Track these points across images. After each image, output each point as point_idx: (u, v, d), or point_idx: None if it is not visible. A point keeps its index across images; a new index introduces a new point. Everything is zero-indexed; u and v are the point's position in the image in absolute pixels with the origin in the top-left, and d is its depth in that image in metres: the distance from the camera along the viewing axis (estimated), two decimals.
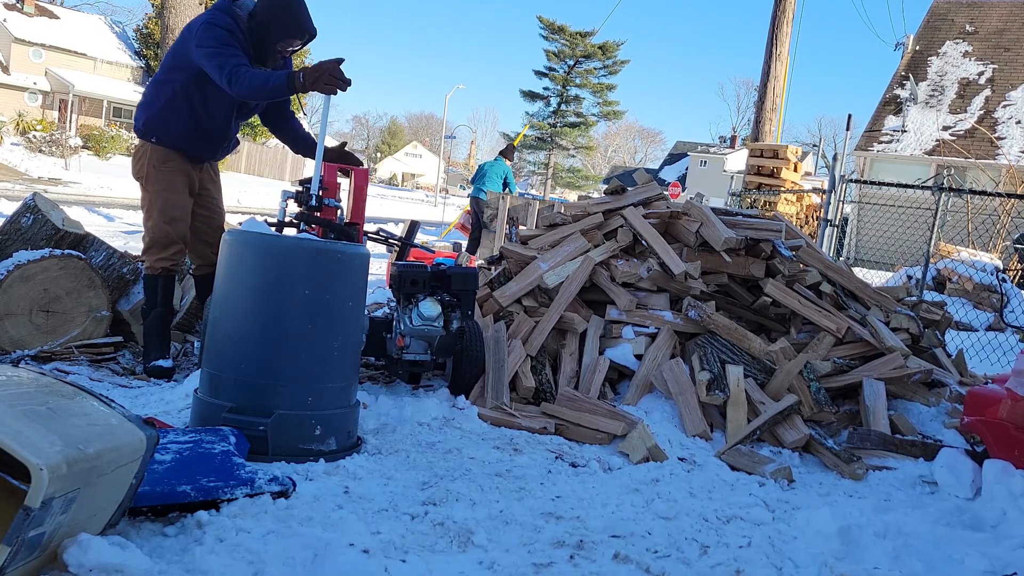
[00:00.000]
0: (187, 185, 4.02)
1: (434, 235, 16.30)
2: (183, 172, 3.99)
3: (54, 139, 30.26)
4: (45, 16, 38.89)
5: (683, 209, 4.77)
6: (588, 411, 3.68)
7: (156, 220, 3.95)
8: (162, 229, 3.95)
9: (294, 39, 3.87)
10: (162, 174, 3.95)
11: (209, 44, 3.67)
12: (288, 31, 3.82)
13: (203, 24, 3.76)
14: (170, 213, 3.95)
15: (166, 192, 3.95)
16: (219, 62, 3.63)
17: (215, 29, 3.71)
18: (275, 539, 2.18)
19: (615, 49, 40.64)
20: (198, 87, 3.84)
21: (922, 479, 3.40)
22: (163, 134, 3.92)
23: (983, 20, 21.52)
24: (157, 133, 3.92)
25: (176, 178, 3.97)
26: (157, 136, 3.93)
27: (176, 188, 3.97)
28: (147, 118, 3.94)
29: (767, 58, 15.38)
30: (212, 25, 3.72)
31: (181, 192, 3.98)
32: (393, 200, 38.00)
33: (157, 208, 3.95)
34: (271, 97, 3.70)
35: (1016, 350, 6.69)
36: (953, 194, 9.90)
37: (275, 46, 3.86)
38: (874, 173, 18.38)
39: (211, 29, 3.71)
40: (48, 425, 1.80)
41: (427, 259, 5.56)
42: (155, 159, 3.95)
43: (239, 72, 3.59)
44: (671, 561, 2.37)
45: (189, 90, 3.86)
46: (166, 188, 3.95)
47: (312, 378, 2.94)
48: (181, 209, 3.99)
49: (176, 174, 3.96)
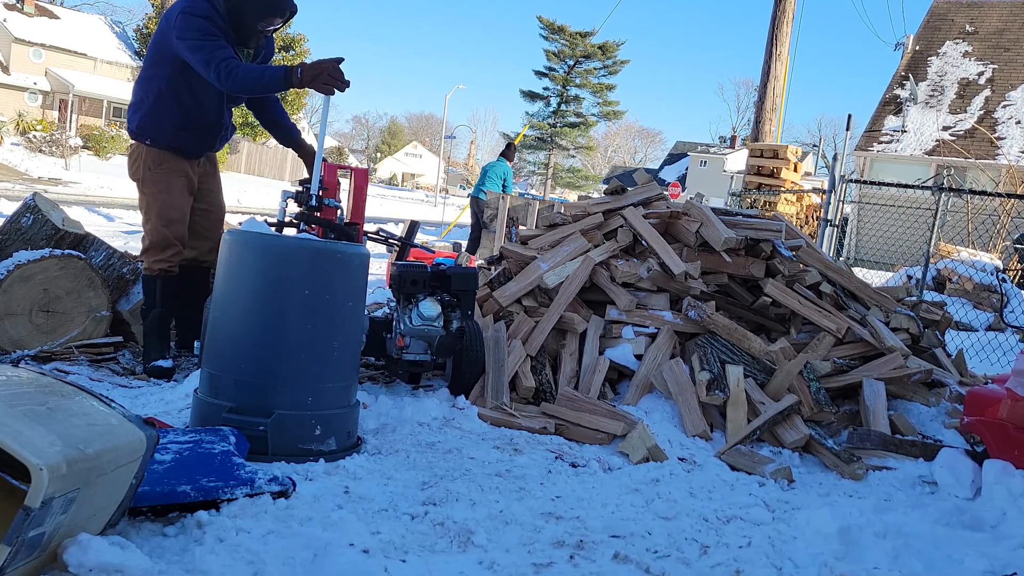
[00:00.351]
0: (185, 185, 3.98)
1: (434, 235, 16.31)
2: (180, 172, 3.95)
3: (54, 139, 30.28)
4: (45, 16, 38.91)
5: (683, 209, 4.77)
6: (588, 411, 3.68)
7: (154, 223, 3.92)
8: (159, 231, 3.91)
9: (274, 17, 3.78)
10: (158, 176, 3.91)
11: (191, 36, 3.58)
12: (267, 9, 3.74)
13: (180, 14, 3.65)
14: (167, 215, 3.91)
15: (163, 194, 3.91)
16: (205, 56, 3.54)
17: (194, 19, 3.60)
18: (275, 539, 2.18)
19: (615, 49, 40.67)
20: (184, 80, 3.77)
21: (922, 479, 3.40)
22: (157, 134, 3.88)
23: (983, 20, 21.52)
24: (151, 134, 3.89)
25: (172, 179, 3.92)
26: (151, 137, 3.89)
27: (173, 189, 3.92)
28: (139, 119, 3.89)
29: (767, 58, 15.38)
30: (190, 15, 3.61)
31: (178, 193, 3.94)
32: (393, 200, 38.00)
33: (155, 211, 3.91)
34: (266, 91, 3.67)
35: (1016, 350, 6.69)
36: (953, 194, 9.91)
37: (256, 26, 3.77)
38: (874, 173, 18.39)
39: (190, 19, 3.60)
40: (48, 425, 1.80)
41: (427, 259, 5.56)
42: (150, 161, 3.91)
43: (229, 66, 3.51)
44: (671, 561, 2.37)
45: (176, 84, 3.79)
46: (162, 190, 3.91)
47: (312, 378, 2.94)
48: (178, 210, 3.95)
49: (172, 175, 3.92)
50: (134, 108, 3.95)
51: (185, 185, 3.98)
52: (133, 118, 3.94)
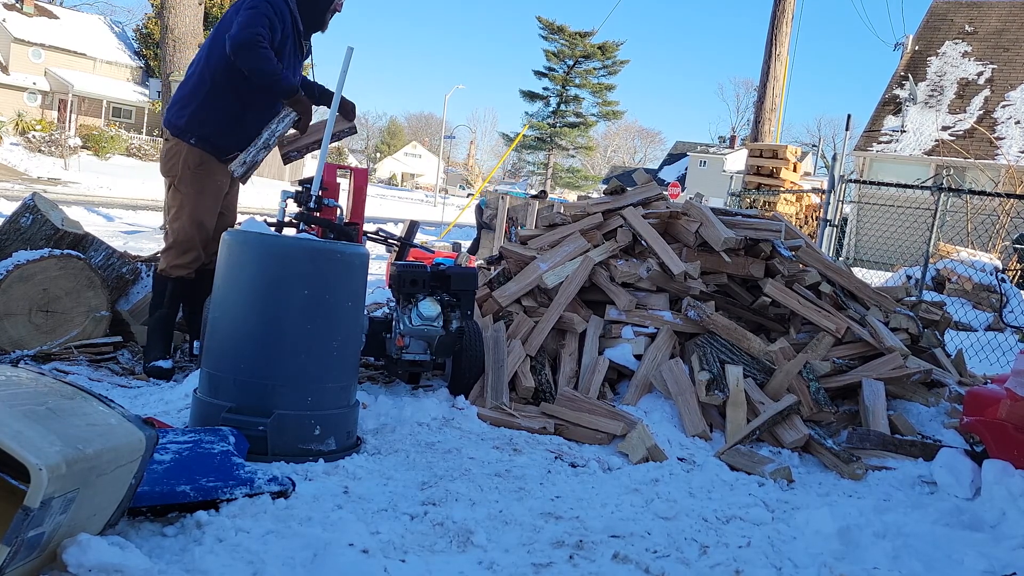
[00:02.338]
0: (218, 190, 4.00)
1: (434, 235, 16.31)
2: (216, 176, 3.96)
3: (53, 139, 30.29)
4: (45, 16, 38.90)
5: (683, 209, 4.77)
6: (587, 411, 3.68)
7: (184, 222, 3.92)
8: (187, 232, 3.92)
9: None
10: (197, 176, 3.91)
11: (251, 6, 3.69)
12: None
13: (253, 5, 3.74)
14: (199, 217, 3.93)
15: (199, 196, 3.92)
16: (250, 21, 3.64)
17: (267, 6, 3.72)
18: (274, 539, 2.18)
19: (614, 49, 40.68)
20: (235, 80, 3.79)
21: (921, 479, 3.40)
22: (203, 133, 3.87)
23: (982, 20, 21.54)
24: (197, 133, 3.88)
25: (209, 182, 3.94)
26: (197, 136, 3.88)
27: (208, 192, 3.95)
28: (188, 115, 3.87)
29: (767, 58, 15.38)
30: (267, 3, 3.73)
31: (212, 196, 3.97)
32: (392, 200, 38.03)
33: (187, 211, 3.92)
34: (266, 81, 3.72)
35: (1015, 350, 6.69)
36: (952, 194, 9.91)
37: (328, 7, 3.98)
38: (873, 173, 18.41)
39: (264, 5, 3.72)
40: (47, 425, 1.80)
41: (426, 259, 5.56)
42: (191, 161, 3.90)
43: (256, 39, 3.61)
44: (670, 561, 2.37)
45: (227, 84, 3.81)
46: (199, 191, 3.92)
47: (311, 378, 2.94)
48: (209, 214, 3.97)
49: (209, 178, 3.94)
50: (181, 105, 3.91)
51: (219, 190, 4.00)
52: (181, 114, 3.90)
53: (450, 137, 57.53)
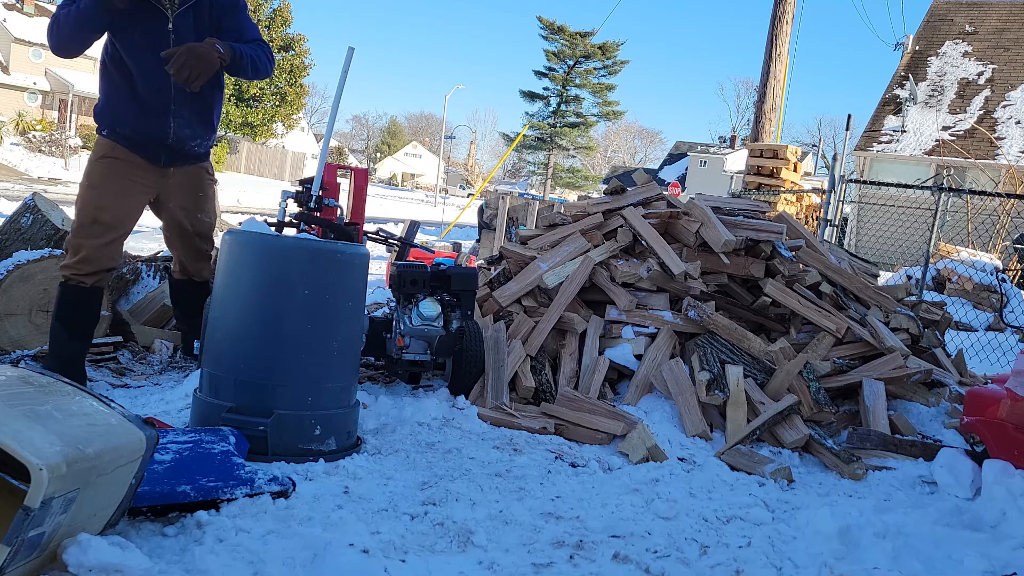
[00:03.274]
0: (127, 189, 3.45)
1: (434, 235, 16.31)
2: (124, 173, 3.45)
3: (54, 139, 30.30)
4: (45, 16, 38.89)
5: (683, 209, 4.77)
6: (588, 411, 3.68)
7: (76, 218, 3.45)
8: (75, 230, 3.41)
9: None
10: (94, 168, 3.45)
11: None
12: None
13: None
14: (91, 214, 3.38)
15: (92, 188, 3.42)
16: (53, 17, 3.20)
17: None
18: (275, 539, 2.18)
19: (615, 49, 40.63)
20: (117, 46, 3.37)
21: (922, 479, 3.40)
22: (107, 119, 3.47)
23: (983, 20, 21.53)
24: (104, 122, 3.49)
25: (112, 176, 3.43)
26: (108, 127, 3.48)
27: (107, 187, 3.41)
28: (98, 108, 3.52)
29: (767, 58, 15.37)
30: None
31: (113, 194, 3.42)
32: (393, 200, 38.04)
33: (78, 205, 3.44)
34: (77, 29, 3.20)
35: (1016, 350, 6.70)
36: (953, 194, 9.90)
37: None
38: (874, 173, 18.41)
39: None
40: (48, 425, 1.80)
41: (427, 259, 5.56)
42: (97, 151, 3.49)
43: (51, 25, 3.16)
44: (671, 561, 2.37)
45: (111, 56, 3.41)
46: (94, 184, 3.42)
47: (312, 378, 2.94)
48: (105, 212, 3.39)
49: (114, 173, 3.43)
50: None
51: (128, 189, 3.45)
52: (95, 108, 3.56)
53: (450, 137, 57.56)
